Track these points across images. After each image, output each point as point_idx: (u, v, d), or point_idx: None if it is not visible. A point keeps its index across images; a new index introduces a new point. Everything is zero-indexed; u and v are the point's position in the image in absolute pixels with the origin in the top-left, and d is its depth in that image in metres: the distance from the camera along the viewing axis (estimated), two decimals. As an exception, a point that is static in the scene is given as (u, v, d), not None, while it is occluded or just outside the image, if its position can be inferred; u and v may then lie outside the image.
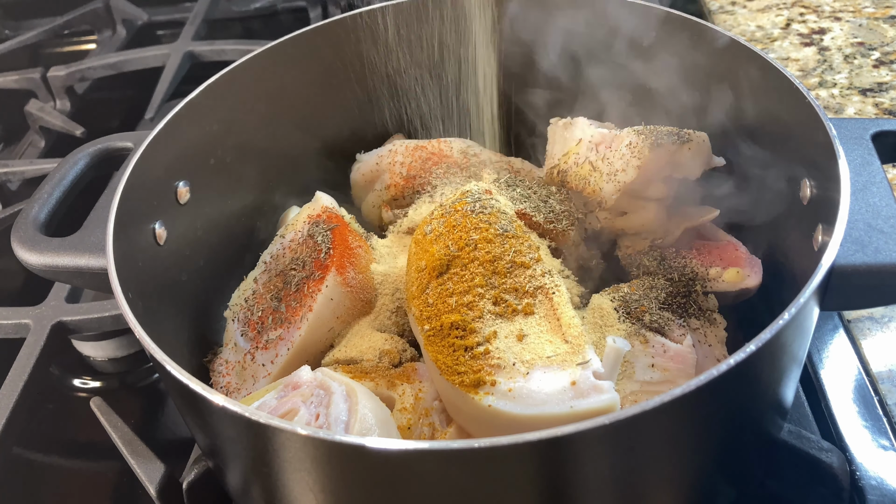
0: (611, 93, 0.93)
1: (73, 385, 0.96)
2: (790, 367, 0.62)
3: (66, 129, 1.38)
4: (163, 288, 0.76)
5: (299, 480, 0.55)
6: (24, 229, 0.76)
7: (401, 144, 0.96)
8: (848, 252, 0.61)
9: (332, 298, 0.75)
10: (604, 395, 0.58)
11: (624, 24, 0.89)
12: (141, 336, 0.59)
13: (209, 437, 0.62)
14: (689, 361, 0.69)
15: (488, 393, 0.59)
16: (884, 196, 0.66)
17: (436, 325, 0.64)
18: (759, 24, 1.34)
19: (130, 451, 0.76)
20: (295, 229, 0.83)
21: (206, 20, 1.60)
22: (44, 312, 0.92)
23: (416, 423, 0.66)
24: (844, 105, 1.13)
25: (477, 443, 0.46)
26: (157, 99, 1.37)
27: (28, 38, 1.64)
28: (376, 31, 0.97)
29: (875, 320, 0.85)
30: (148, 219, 0.76)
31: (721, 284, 0.78)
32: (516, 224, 0.72)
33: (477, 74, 1.00)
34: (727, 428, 0.58)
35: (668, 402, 0.48)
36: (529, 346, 0.62)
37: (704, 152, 0.80)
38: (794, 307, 0.53)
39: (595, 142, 0.84)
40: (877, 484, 0.70)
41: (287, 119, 0.96)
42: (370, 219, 0.98)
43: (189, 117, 0.82)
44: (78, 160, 0.85)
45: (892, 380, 0.78)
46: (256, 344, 0.76)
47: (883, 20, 1.31)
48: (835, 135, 0.66)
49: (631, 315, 0.72)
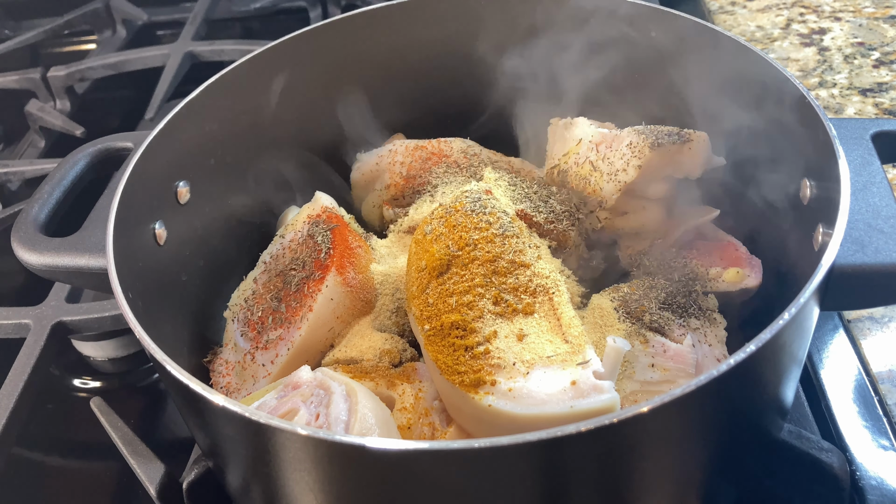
0: (608, 92, 0.93)
1: (73, 385, 0.96)
2: (790, 367, 0.62)
3: (66, 129, 1.38)
4: (163, 288, 0.76)
5: (299, 480, 0.55)
6: (24, 229, 0.76)
7: (401, 144, 0.96)
8: (848, 252, 0.61)
9: (332, 298, 0.75)
10: (604, 395, 0.58)
11: (624, 24, 0.89)
12: (141, 336, 0.59)
13: (209, 437, 0.62)
14: (689, 361, 0.69)
15: (488, 393, 0.59)
16: (884, 196, 0.66)
17: (436, 324, 0.64)
18: (759, 24, 1.34)
19: (130, 451, 0.76)
20: (295, 229, 0.83)
21: (206, 20, 1.60)
22: (44, 312, 0.92)
23: (416, 423, 0.66)
24: (844, 105, 1.13)
25: (477, 443, 0.46)
26: (157, 99, 1.37)
27: (28, 38, 1.64)
28: (376, 30, 0.97)
29: (875, 320, 0.85)
30: (148, 219, 0.76)
31: (721, 284, 0.78)
32: (517, 224, 0.72)
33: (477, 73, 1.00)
34: (727, 428, 0.58)
35: (668, 402, 0.48)
36: (530, 346, 0.62)
37: (705, 152, 0.80)
38: (794, 307, 0.53)
39: (595, 141, 0.84)
40: (877, 484, 0.70)
41: (287, 119, 0.96)
42: (370, 219, 0.98)
43: (189, 117, 0.82)
44: (78, 160, 0.85)
45: (892, 380, 0.78)
46: (256, 344, 0.76)
47: (883, 20, 1.31)
48: (835, 135, 0.66)
49: (631, 315, 0.72)
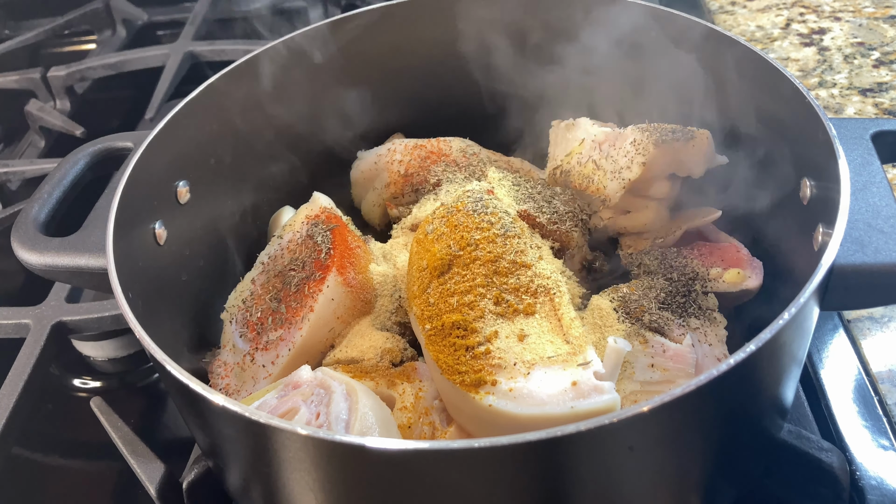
0: (610, 93, 0.93)
1: (73, 385, 0.96)
2: (790, 366, 0.62)
3: (66, 129, 1.38)
4: (163, 288, 0.76)
5: (299, 480, 0.55)
6: (24, 229, 0.76)
7: (400, 143, 0.96)
8: (848, 252, 0.61)
9: (332, 298, 0.75)
10: (604, 396, 0.58)
11: (624, 24, 0.89)
12: (141, 336, 0.59)
13: (209, 437, 0.62)
14: (689, 361, 0.69)
15: (489, 392, 0.59)
16: (884, 196, 0.66)
17: (437, 324, 0.64)
18: (759, 24, 1.34)
19: (130, 451, 0.76)
20: (293, 230, 0.83)
21: (206, 20, 1.60)
22: (44, 312, 0.92)
23: (417, 423, 0.66)
24: (844, 105, 1.13)
25: (477, 443, 0.46)
26: (157, 99, 1.37)
27: (28, 38, 1.64)
28: (376, 30, 0.97)
29: (875, 320, 0.85)
30: (148, 219, 0.76)
31: (722, 285, 0.78)
32: (518, 224, 0.72)
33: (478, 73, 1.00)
34: (727, 428, 0.58)
35: (668, 402, 0.48)
36: (530, 347, 0.62)
37: (707, 150, 0.80)
38: (793, 307, 0.53)
39: (598, 141, 0.84)
40: (877, 484, 0.70)
41: (287, 119, 0.96)
42: (370, 217, 0.98)
43: (189, 117, 0.82)
44: (78, 160, 0.85)
45: (892, 380, 0.78)
46: (256, 345, 0.76)
47: (883, 20, 1.30)
48: (835, 135, 0.66)
49: (630, 315, 0.72)
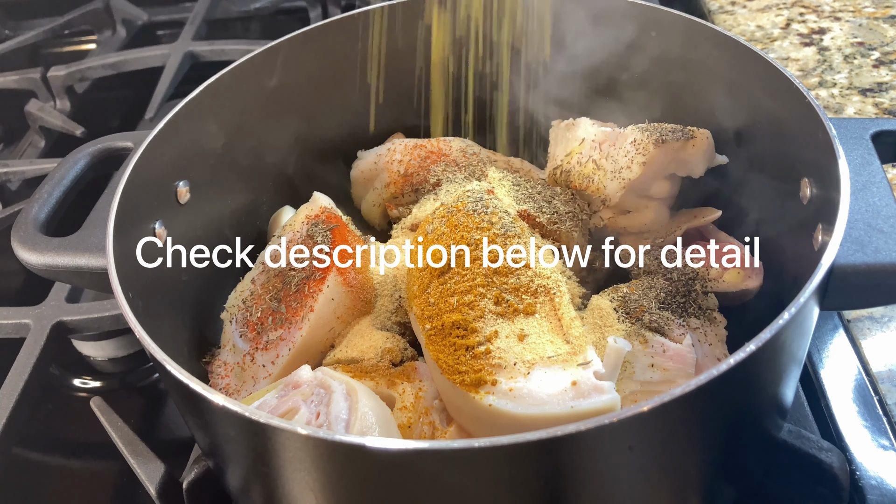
0: (611, 93, 0.93)
1: (73, 385, 0.96)
2: (790, 366, 0.62)
3: (66, 129, 1.38)
4: (163, 288, 0.76)
5: (299, 480, 0.55)
6: (24, 229, 0.76)
7: (400, 143, 0.96)
8: (848, 252, 0.61)
9: (333, 298, 0.75)
10: (604, 396, 0.58)
11: (624, 24, 0.89)
12: (141, 336, 0.59)
13: (209, 437, 0.62)
14: (689, 361, 0.69)
15: (489, 392, 0.59)
16: (884, 196, 0.66)
17: (437, 324, 0.64)
18: (759, 24, 1.34)
19: (130, 451, 0.76)
20: (293, 230, 0.83)
21: (206, 20, 1.60)
22: (44, 312, 0.92)
23: (417, 422, 0.66)
24: (844, 105, 1.13)
25: (477, 443, 0.46)
26: (157, 99, 1.37)
27: (28, 38, 1.64)
28: (376, 30, 0.97)
29: (875, 320, 0.85)
30: (148, 219, 0.76)
31: (722, 285, 0.78)
32: (518, 224, 0.72)
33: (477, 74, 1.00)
34: (727, 428, 0.58)
35: (668, 402, 0.48)
36: (530, 346, 0.62)
37: (708, 149, 0.80)
38: (793, 307, 0.53)
39: (599, 140, 0.84)
40: (877, 484, 0.70)
41: (287, 119, 0.96)
42: (370, 217, 0.98)
43: (189, 117, 0.82)
44: (78, 160, 0.85)
45: (892, 380, 0.78)
46: (256, 345, 0.76)
47: (883, 20, 1.30)
48: (835, 135, 0.66)
49: (630, 315, 0.72)
